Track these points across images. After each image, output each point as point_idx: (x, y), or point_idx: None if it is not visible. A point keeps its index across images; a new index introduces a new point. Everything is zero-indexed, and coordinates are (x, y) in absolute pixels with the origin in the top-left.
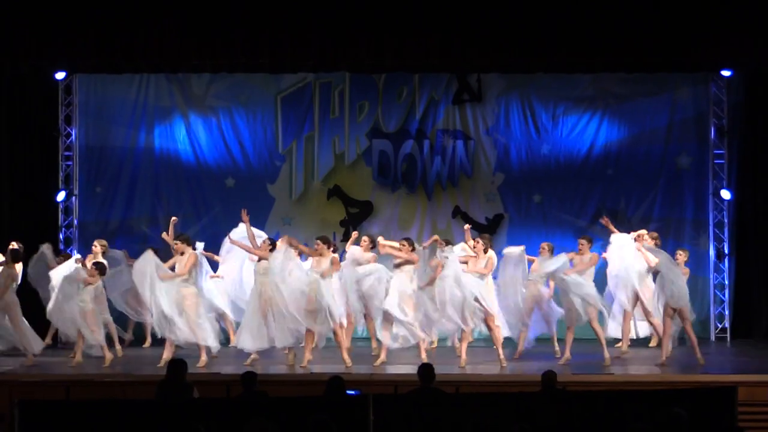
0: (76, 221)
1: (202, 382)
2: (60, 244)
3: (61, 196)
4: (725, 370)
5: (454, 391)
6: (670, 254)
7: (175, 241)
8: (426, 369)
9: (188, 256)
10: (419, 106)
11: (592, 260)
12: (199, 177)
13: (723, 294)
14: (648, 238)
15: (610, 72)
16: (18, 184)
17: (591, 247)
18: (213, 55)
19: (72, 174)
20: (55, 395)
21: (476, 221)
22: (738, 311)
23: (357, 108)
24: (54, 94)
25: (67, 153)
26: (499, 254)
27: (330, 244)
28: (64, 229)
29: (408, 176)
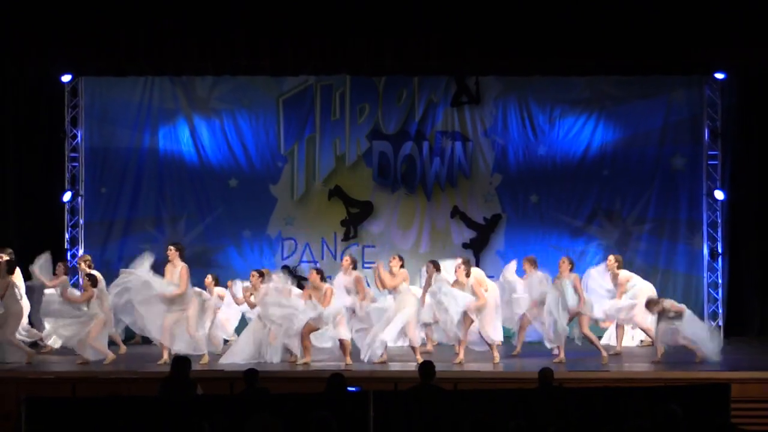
0: (81, 221)
1: (206, 379)
2: (66, 243)
3: (67, 196)
4: (719, 368)
5: (452, 387)
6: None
7: (169, 246)
8: (426, 366)
9: (181, 269)
10: (418, 108)
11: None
12: (203, 178)
13: (716, 292)
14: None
15: (606, 75)
16: (25, 185)
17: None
18: (216, 58)
19: (78, 175)
20: (61, 392)
21: (474, 221)
22: (731, 309)
23: (357, 110)
24: (60, 97)
25: (73, 154)
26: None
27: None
28: (70, 228)
29: (407, 177)
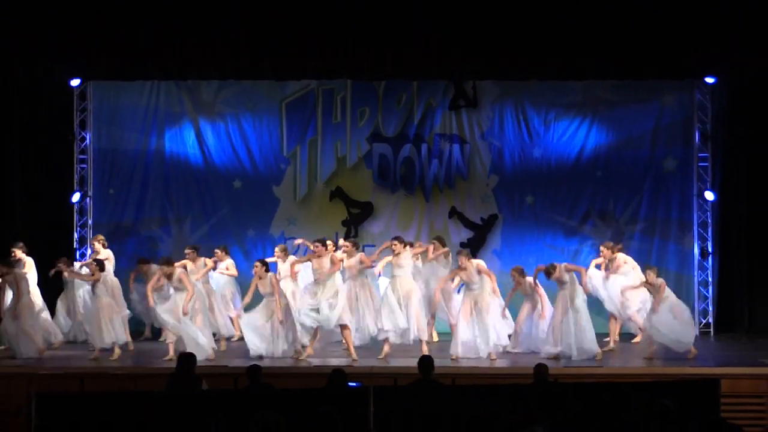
0: (90, 221)
1: (211, 375)
2: (75, 243)
3: (75, 197)
4: (709, 363)
5: (450, 382)
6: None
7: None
8: (425, 361)
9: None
10: (417, 111)
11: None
12: (208, 179)
13: (707, 291)
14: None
15: (600, 79)
16: (35, 186)
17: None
18: (220, 63)
19: (86, 176)
20: (70, 388)
21: (472, 221)
22: (721, 307)
23: (358, 113)
24: (69, 100)
25: (81, 156)
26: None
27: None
28: (78, 228)
29: (407, 178)
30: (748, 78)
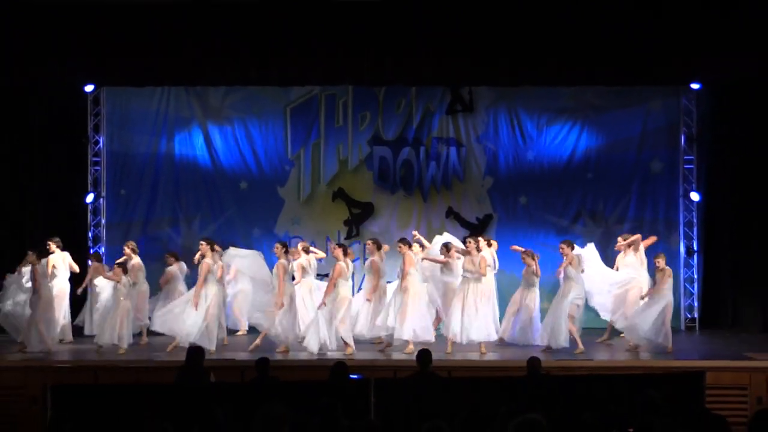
0: (103, 221)
1: (219, 368)
2: (89, 241)
3: (89, 198)
4: (694, 357)
5: (447, 375)
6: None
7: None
8: (424, 354)
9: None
10: (416, 116)
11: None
12: (216, 181)
13: (692, 287)
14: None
15: (590, 85)
16: (51, 187)
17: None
18: (228, 70)
19: (99, 178)
20: (84, 380)
21: (468, 221)
22: (706, 303)
23: (359, 118)
24: (83, 106)
25: (95, 159)
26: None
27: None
28: (92, 228)
29: (406, 180)
30: (731, 84)
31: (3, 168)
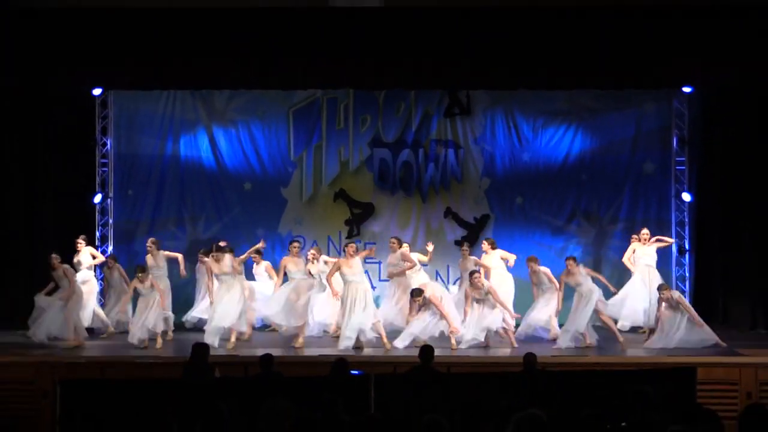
0: (110, 221)
1: (223, 364)
2: (97, 241)
3: (97, 198)
4: (686, 352)
5: (446, 371)
6: None
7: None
8: (427, 350)
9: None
10: (415, 118)
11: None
12: (220, 181)
13: (684, 285)
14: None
15: (584, 89)
16: (60, 188)
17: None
18: (232, 74)
19: (107, 179)
20: (92, 375)
21: (466, 221)
22: (697, 301)
23: (360, 121)
24: (91, 108)
25: (103, 160)
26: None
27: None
28: (100, 227)
29: (405, 181)
30: (721, 88)
31: (14, 169)
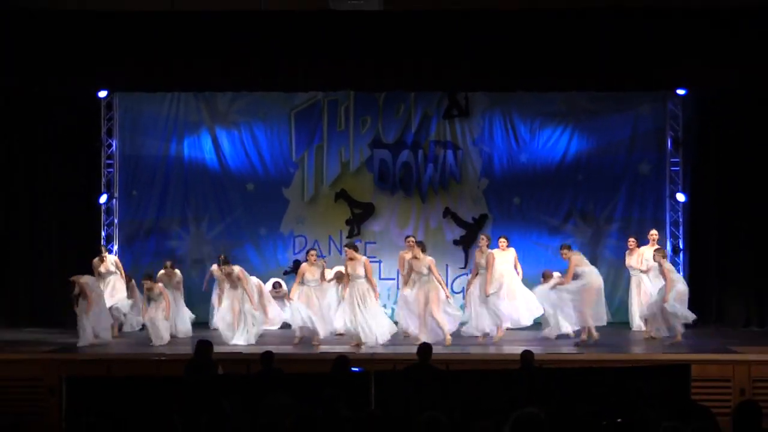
0: (116, 221)
1: (226, 361)
2: (102, 240)
3: (103, 198)
4: (680, 350)
5: (445, 368)
6: None
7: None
8: (425, 347)
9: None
10: (414, 120)
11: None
12: (223, 182)
13: None
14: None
15: (581, 91)
16: (66, 188)
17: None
18: (235, 77)
19: (112, 179)
20: (97, 372)
21: (464, 220)
22: (691, 299)
23: (360, 122)
24: (97, 110)
25: (108, 161)
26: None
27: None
28: (105, 227)
29: (405, 181)
30: (715, 90)
31: (21, 170)
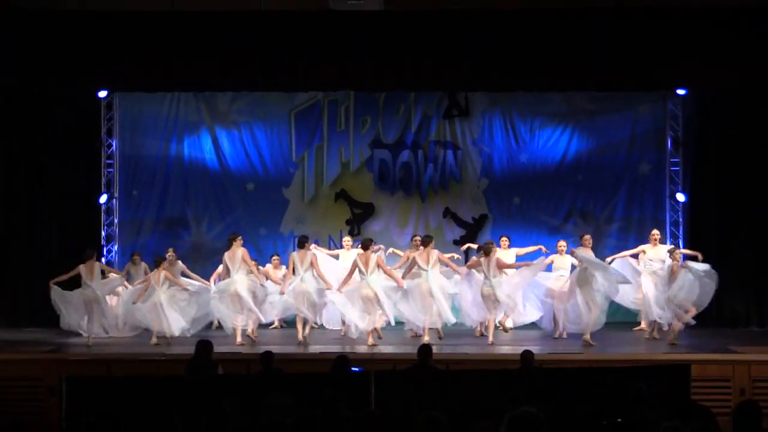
0: (116, 220)
1: (226, 361)
2: (102, 240)
3: (103, 198)
4: (680, 350)
5: (445, 368)
6: None
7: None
8: (425, 348)
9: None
10: (414, 120)
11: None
12: (223, 182)
13: None
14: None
15: (580, 91)
16: (66, 188)
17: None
18: (235, 77)
19: (112, 179)
20: (97, 372)
21: (464, 220)
22: None
23: (360, 122)
24: (97, 110)
25: (108, 161)
26: None
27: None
28: (105, 227)
29: (405, 181)
30: (715, 90)
31: (21, 170)
